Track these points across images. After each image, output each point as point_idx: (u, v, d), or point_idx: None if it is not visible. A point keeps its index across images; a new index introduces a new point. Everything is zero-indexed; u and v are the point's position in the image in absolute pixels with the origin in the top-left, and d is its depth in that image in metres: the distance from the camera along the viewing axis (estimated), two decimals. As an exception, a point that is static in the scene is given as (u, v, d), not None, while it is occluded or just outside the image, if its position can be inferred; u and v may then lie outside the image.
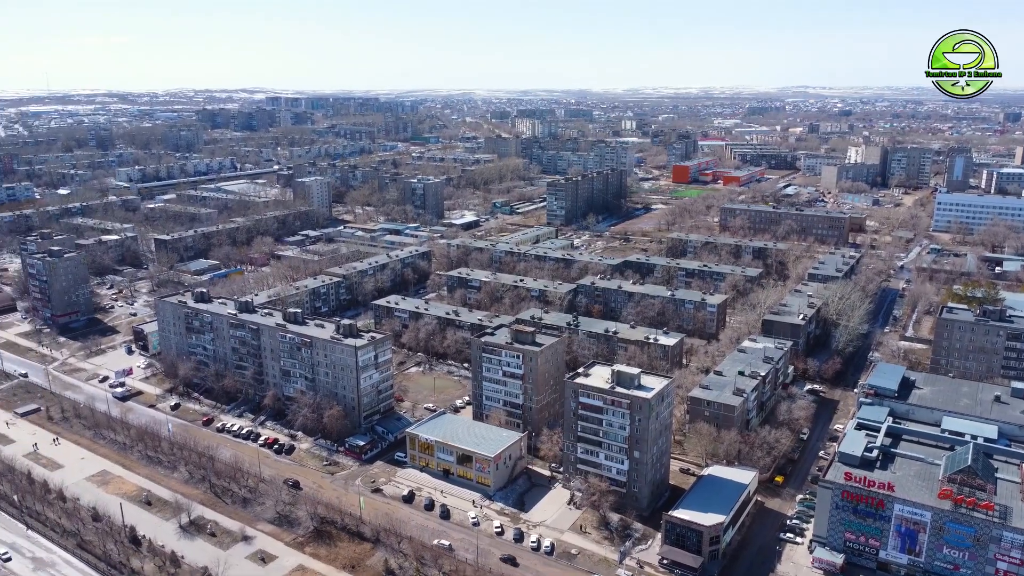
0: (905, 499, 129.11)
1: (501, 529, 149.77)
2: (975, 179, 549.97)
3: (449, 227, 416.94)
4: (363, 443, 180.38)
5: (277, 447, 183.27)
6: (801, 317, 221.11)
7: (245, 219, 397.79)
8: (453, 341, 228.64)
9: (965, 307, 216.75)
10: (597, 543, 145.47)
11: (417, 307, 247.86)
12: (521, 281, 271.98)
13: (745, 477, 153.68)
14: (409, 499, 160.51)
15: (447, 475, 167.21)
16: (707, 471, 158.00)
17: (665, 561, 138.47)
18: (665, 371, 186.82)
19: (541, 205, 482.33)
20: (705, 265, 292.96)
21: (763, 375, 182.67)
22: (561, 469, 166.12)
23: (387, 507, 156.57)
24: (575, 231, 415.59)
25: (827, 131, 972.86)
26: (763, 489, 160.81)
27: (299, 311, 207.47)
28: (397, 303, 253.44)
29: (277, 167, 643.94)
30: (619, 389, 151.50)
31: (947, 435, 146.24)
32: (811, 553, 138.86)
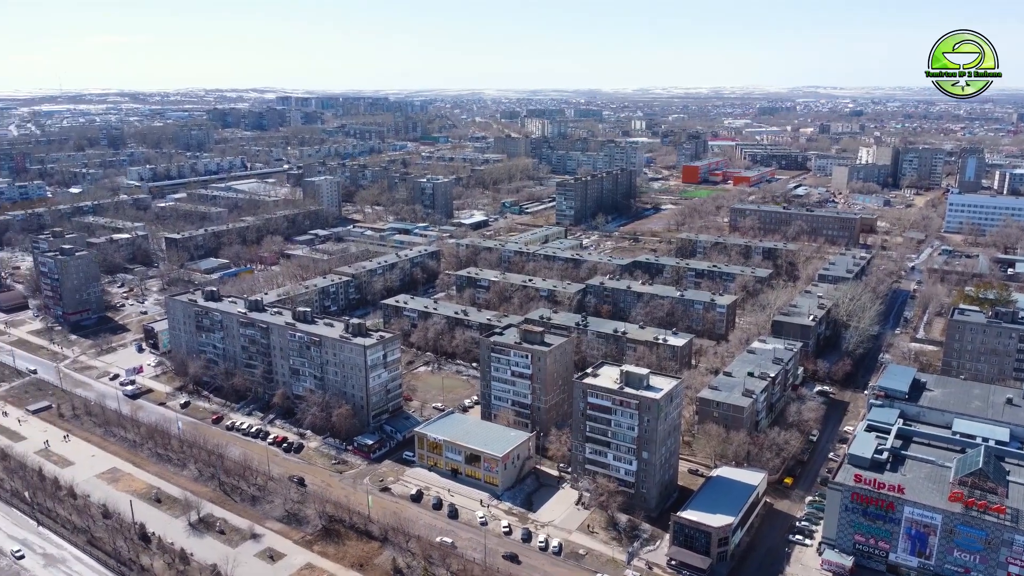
0: (915, 502, 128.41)
1: (509, 529, 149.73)
2: (987, 180, 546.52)
3: (458, 227, 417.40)
4: (372, 442, 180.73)
5: (286, 445, 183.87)
6: (811, 318, 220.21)
7: (255, 218, 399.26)
8: (462, 341, 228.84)
9: (977, 309, 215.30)
10: (605, 543, 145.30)
11: (426, 306, 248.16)
12: (530, 281, 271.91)
13: (754, 478, 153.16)
14: (417, 498, 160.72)
15: (455, 474, 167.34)
16: (716, 472, 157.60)
17: (673, 562, 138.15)
18: (674, 372, 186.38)
19: (550, 205, 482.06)
20: (715, 265, 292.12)
21: (773, 376, 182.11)
22: (569, 469, 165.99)
23: (395, 506, 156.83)
24: (584, 231, 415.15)
25: (838, 131, 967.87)
26: (772, 491, 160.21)
27: (308, 310, 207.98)
28: (406, 302, 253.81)
29: (287, 166, 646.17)
30: (628, 389, 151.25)
31: (958, 437, 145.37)
32: (820, 555, 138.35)
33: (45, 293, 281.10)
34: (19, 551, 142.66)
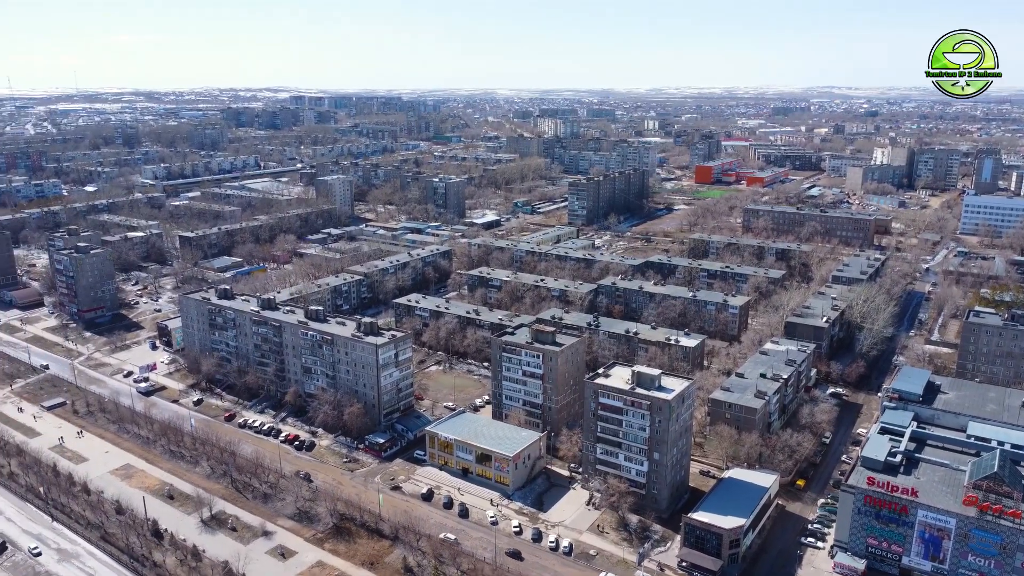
0: (929, 505, 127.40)
1: (520, 528, 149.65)
2: (1004, 181, 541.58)
3: (470, 226, 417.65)
4: (383, 441, 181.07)
5: (298, 443, 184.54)
6: (824, 319, 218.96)
7: (268, 217, 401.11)
8: (473, 340, 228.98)
9: (992, 311, 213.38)
10: (616, 544, 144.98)
11: (438, 306, 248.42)
12: (542, 281, 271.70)
13: (766, 480, 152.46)
14: (428, 497, 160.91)
15: (466, 474, 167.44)
16: (727, 474, 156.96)
17: (684, 564, 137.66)
18: (686, 373, 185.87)
19: (562, 205, 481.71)
20: (727, 266, 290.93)
21: (785, 378, 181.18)
22: (580, 469, 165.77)
23: (406, 505, 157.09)
24: (596, 231, 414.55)
25: (853, 132, 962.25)
26: (784, 493, 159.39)
27: (321, 309, 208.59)
28: (418, 302, 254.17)
29: (300, 165, 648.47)
30: (639, 390, 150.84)
31: (973, 441, 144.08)
32: (832, 558, 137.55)
33: (60, 290, 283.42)
34: (36, 548, 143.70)
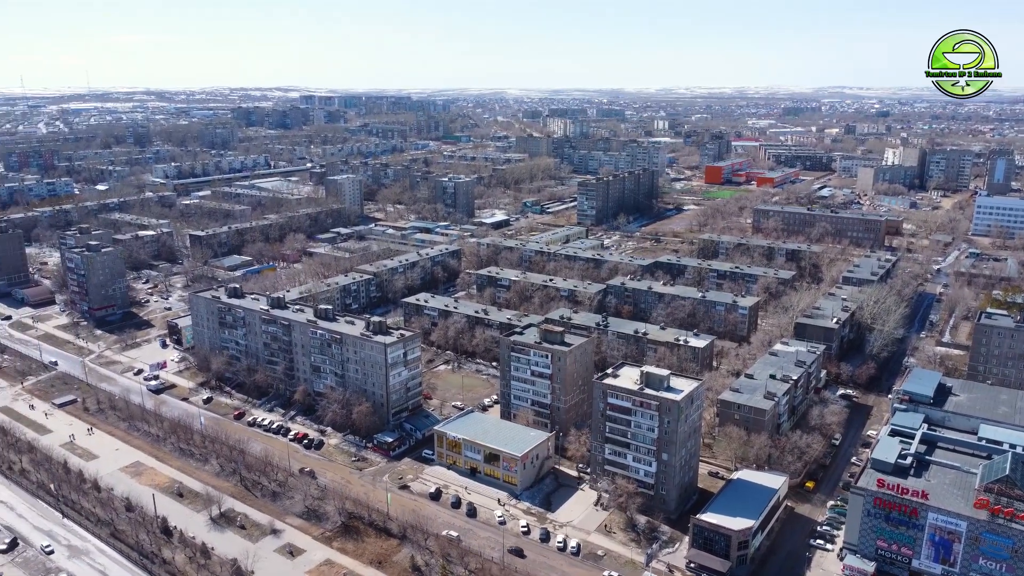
0: (940, 508, 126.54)
1: (527, 528, 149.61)
2: (1017, 182, 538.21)
3: (479, 226, 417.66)
4: (391, 440, 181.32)
5: (307, 442, 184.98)
6: (835, 320, 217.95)
7: (278, 216, 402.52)
8: (482, 340, 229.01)
9: (1004, 313, 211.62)
10: (624, 545, 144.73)
11: (446, 305, 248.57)
12: (551, 281, 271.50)
13: (775, 482, 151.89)
14: (436, 496, 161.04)
15: (474, 473, 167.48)
16: (736, 475, 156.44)
17: (692, 565, 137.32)
18: (695, 373, 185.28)
19: (572, 205, 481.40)
20: (737, 267, 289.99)
21: (795, 379, 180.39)
22: (588, 470, 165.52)
23: (414, 504, 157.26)
24: (605, 231, 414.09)
25: (864, 132, 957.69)
26: (793, 494, 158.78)
27: (330, 308, 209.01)
28: (427, 301, 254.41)
29: (310, 165, 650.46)
30: (648, 391, 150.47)
31: (984, 443, 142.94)
32: (841, 560, 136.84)
33: (72, 288, 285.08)
34: (48, 546, 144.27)
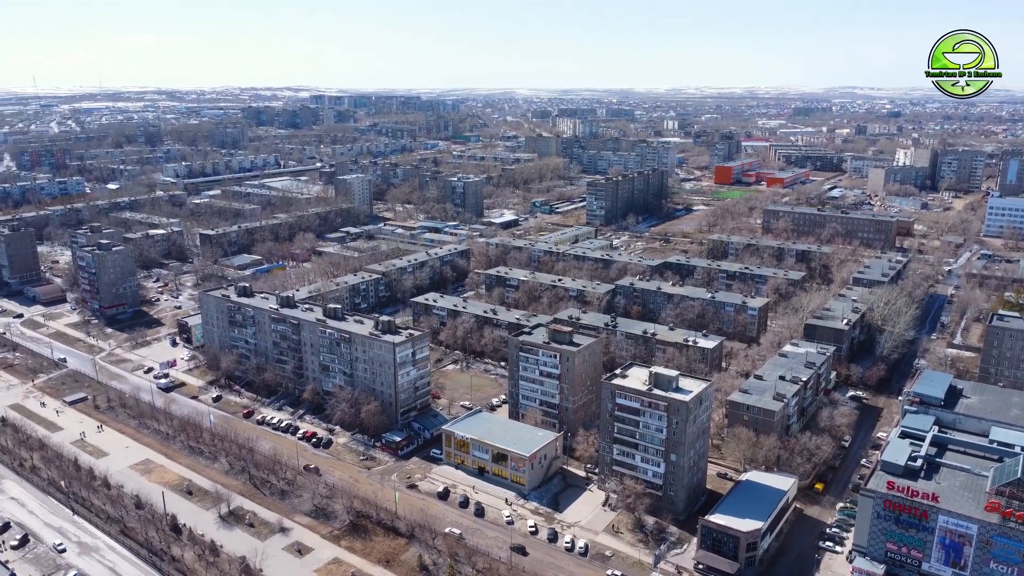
0: (950, 511, 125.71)
1: (535, 528, 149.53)
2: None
3: (488, 226, 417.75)
4: (399, 439, 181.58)
5: (315, 441, 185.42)
6: (845, 322, 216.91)
7: (288, 215, 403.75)
8: (490, 340, 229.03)
9: (1016, 315, 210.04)
10: (632, 545, 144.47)
11: (455, 305, 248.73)
12: (559, 281, 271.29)
13: (784, 483, 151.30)
14: (444, 496, 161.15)
15: (482, 473, 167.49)
16: (745, 476, 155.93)
17: (701, 566, 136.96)
18: (704, 374, 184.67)
19: (581, 205, 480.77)
20: (747, 267, 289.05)
21: (804, 380, 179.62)
22: (596, 470, 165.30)
23: (422, 503, 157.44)
24: (615, 231, 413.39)
25: (875, 133, 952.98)
26: (802, 496, 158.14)
27: (339, 307, 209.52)
28: (435, 301, 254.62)
29: (320, 164, 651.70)
30: (656, 391, 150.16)
31: (996, 446, 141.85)
32: (850, 563, 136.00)
33: (83, 287, 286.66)
34: (60, 544, 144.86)
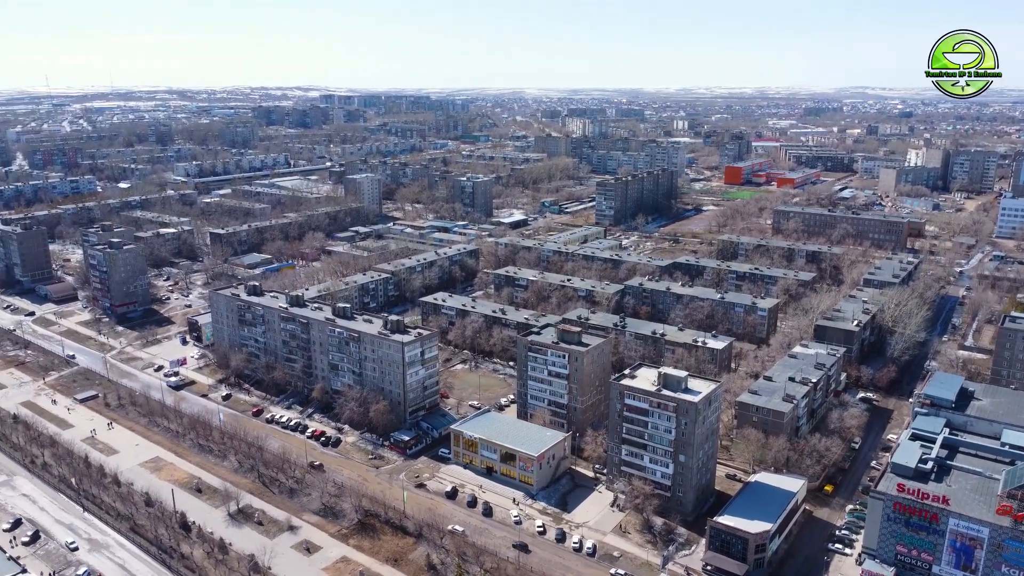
0: (961, 514, 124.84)
1: (543, 528, 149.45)
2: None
3: (497, 225, 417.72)
4: (408, 438, 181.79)
5: (324, 439, 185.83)
6: (855, 323, 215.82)
7: (297, 215, 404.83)
8: (499, 339, 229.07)
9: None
10: (640, 546, 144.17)
11: (464, 305, 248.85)
12: (568, 281, 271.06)
13: (793, 485, 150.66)
14: (452, 495, 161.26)
15: (490, 473, 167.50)
16: (754, 478, 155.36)
17: (709, 567, 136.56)
18: (713, 375, 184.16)
19: (590, 205, 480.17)
20: (756, 268, 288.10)
21: (814, 382, 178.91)
22: (605, 471, 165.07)
23: (430, 502, 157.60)
24: (624, 231, 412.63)
25: (886, 133, 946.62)
26: (812, 498, 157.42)
27: (348, 306, 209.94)
28: (444, 300, 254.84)
29: (329, 164, 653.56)
30: (665, 392, 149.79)
31: (1007, 449, 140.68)
32: (860, 565, 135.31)
33: (94, 285, 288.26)
34: (73, 543, 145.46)
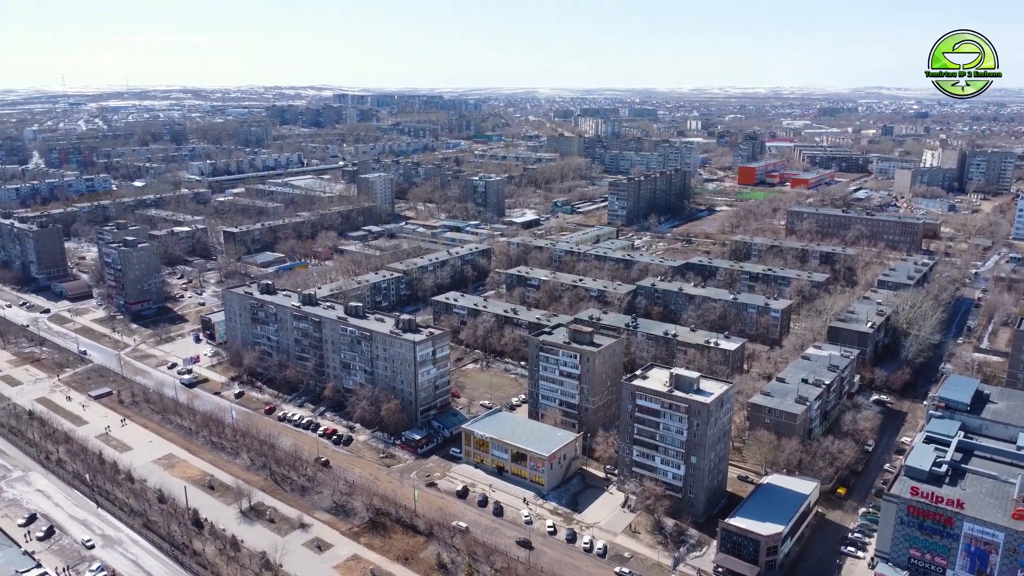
0: (976, 518, 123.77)
1: (554, 528, 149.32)
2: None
3: (510, 225, 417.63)
4: (419, 437, 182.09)
5: (335, 438, 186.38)
6: (869, 325, 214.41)
7: (310, 213, 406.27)
8: (511, 339, 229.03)
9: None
10: (650, 547, 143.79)
11: (476, 304, 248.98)
12: (580, 281, 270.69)
13: (806, 487, 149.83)
14: (463, 494, 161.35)
15: (501, 472, 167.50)
16: (766, 480, 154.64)
17: (720, 569, 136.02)
18: (725, 376, 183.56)
19: (602, 205, 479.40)
20: (770, 269, 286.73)
21: (828, 383, 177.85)
22: (616, 471, 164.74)
23: (441, 501, 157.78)
24: (636, 232, 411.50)
25: (902, 133, 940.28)
26: (824, 500, 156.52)
27: (360, 305, 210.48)
28: (456, 300, 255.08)
29: (342, 163, 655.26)
30: (677, 393, 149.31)
31: (1023, 452, 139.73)
32: (873, 569, 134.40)
33: (108, 283, 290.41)
34: (89, 541, 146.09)
